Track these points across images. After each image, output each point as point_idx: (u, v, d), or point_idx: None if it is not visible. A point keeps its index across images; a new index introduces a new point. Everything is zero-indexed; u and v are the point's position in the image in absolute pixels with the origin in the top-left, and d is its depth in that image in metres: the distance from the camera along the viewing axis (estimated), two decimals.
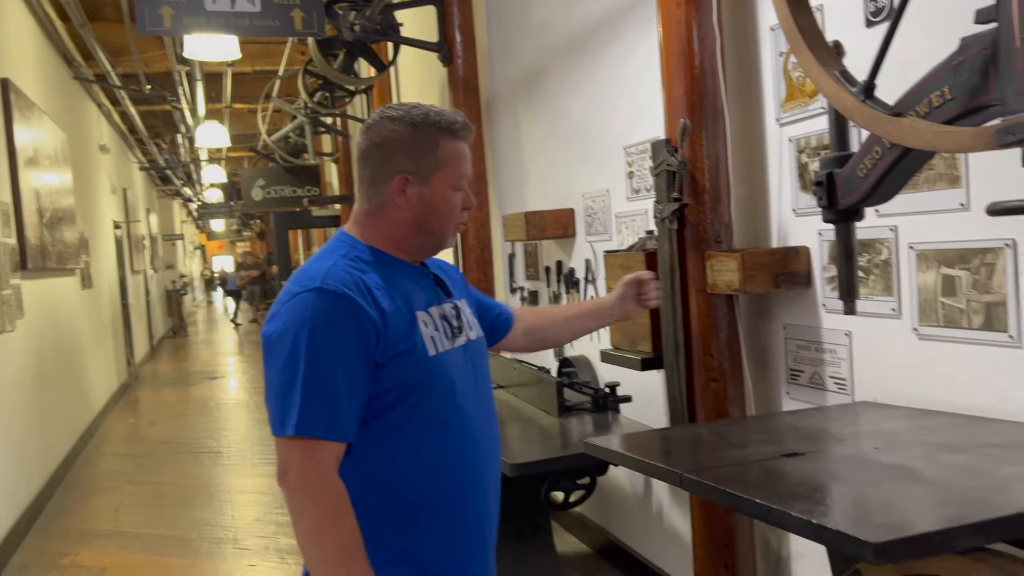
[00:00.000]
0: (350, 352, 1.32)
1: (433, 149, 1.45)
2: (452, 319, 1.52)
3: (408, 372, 1.38)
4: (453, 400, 1.44)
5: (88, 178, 9.06)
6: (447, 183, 1.47)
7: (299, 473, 1.30)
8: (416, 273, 1.52)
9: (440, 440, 1.42)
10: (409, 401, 1.39)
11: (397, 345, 1.37)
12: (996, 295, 1.84)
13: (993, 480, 1.36)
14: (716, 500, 1.46)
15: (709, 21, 2.49)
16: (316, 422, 1.29)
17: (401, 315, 1.40)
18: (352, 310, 1.33)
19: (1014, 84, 1.21)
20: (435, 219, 1.47)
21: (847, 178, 1.62)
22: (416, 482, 1.40)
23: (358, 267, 1.41)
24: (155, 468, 6.45)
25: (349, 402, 1.33)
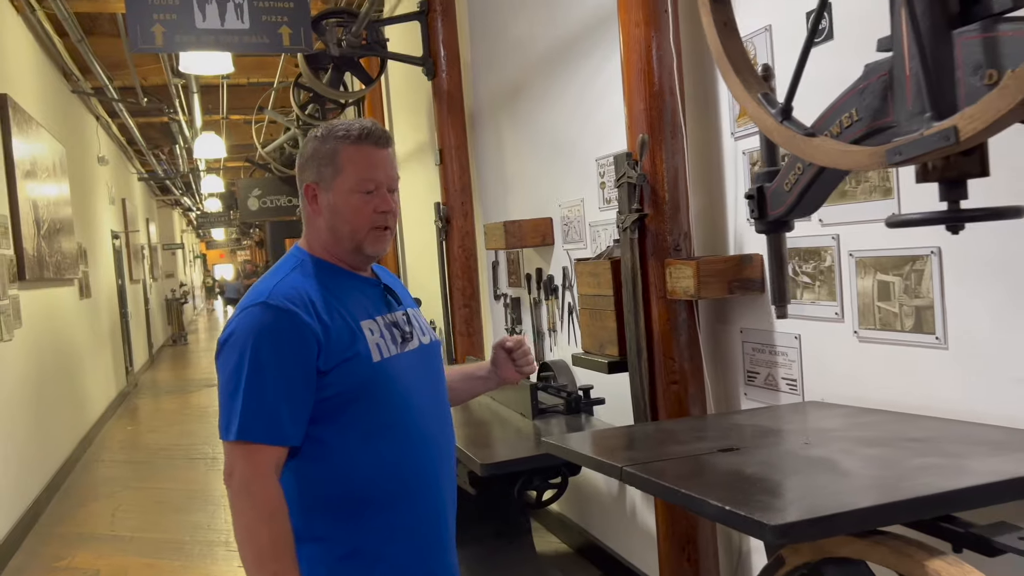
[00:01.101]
0: (290, 362, 1.42)
1: (333, 156, 1.53)
2: (403, 325, 1.60)
3: (352, 378, 1.46)
4: (404, 402, 1.53)
5: (86, 189, 9.21)
6: (347, 186, 1.52)
7: (240, 475, 1.40)
8: (364, 283, 1.61)
9: (392, 441, 1.50)
10: (358, 404, 1.48)
11: (340, 353, 1.46)
12: (925, 299, 1.96)
13: (899, 470, 1.48)
14: (650, 491, 1.57)
15: (667, 42, 2.61)
16: (255, 428, 1.40)
17: (344, 325, 1.48)
18: (294, 323, 1.43)
19: (905, 108, 1.33)
20: (342, 223, 1.54)
21: (775, 192, 1.75)
22: (369, 482, 1.49)
23: (304, 281, 1.52)
24: (152, 474, 6.57)
25: (289, 409, 1.42)
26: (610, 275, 2.89)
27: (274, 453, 1.42)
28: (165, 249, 20.56)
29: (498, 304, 4.86)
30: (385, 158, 1.57)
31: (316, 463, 1.48)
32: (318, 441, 1.47)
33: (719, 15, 1.68)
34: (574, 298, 3.81)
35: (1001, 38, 1.19)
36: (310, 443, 1.47)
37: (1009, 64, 1.16)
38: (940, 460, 1.51)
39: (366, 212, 1.53)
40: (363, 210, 1.53)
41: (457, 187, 4.91)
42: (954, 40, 1.25)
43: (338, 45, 4.84)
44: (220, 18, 4.38)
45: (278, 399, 1.41)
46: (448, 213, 4.93)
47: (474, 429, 3.29)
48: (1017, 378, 1.75)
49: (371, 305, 1.58)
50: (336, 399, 1.46)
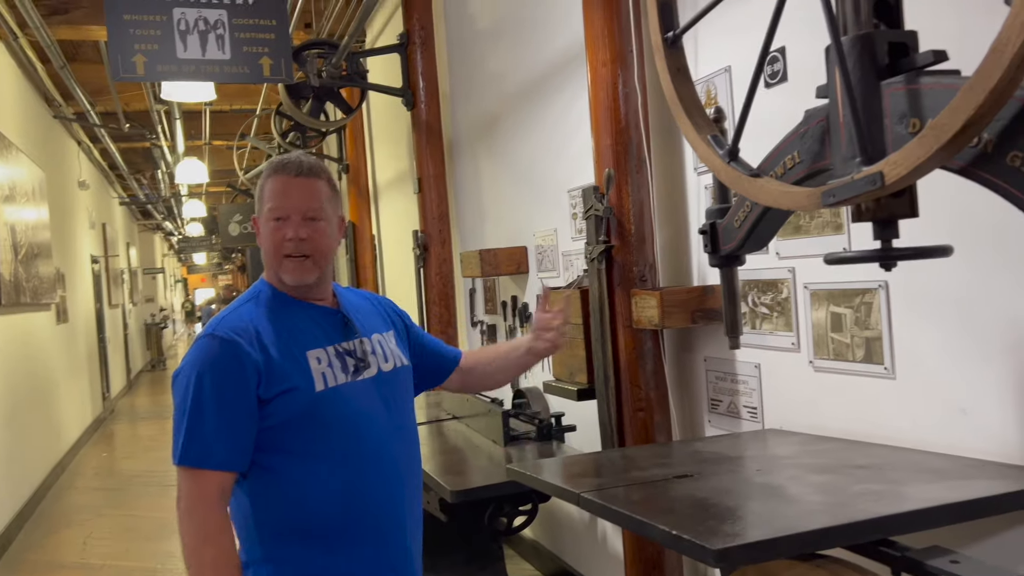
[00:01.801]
0: (230, 391, 1.49)
1: (260, 190, 1.62)
2: (357, 354, 1.63)
3: (294, 406, 1.52)
4: (353, 430, 1.57)
5: (66, 214, 9.20)
6: (263, 215, 1.60)
7: (185, 499, 1.48)
8: (319, 312, 1.65)
9: (341, 468, 1.54)
10: (302, 433, 1.53)
11: (280, 383, 1.51)
12: (874, 331, 2.04)
13: (843, 496, 1.55)
14: (605, 517, 1.63)
15: (632, 80, 2.71)
16: (196, 453, 1.48)
17: (288, 355, 1.54)
18: (235, 353, 1.50)
19: (840, 152, 1.41)
20: (264, 252, 1.62)
21: (726, 227, 1.82)
22: (319, 507, 1.53)
23: (255, 311, 1.59)
24: (126, 501, 6.52)
25: (228, 436, 1.49)
26: (579, 304, 2.96)
27: (216, 478, 1.48)
28: (145, 273, 20.46)
29: (475, 331, 4.91)
30: (299, 186, 1.59)
31: (267, 488, 1.54)
32: (266, 468, 1.53)
33: (672, 61, 1.76)
34: None
35: (923, 90, 1.28)
36: (260, 469, 1.53)
37: (930, 114, 1.25)
38: (881, 486, 1.58)
39: (276, 240, 1.57)
40: (272, 238, 1.58)
41: (435, 215, 4.98)
42: (882, 90, 1.33)
43: (318, 76, 4.93)
44: (201, 48, 4.45)
45: (217, 427, 1.48)
46: (426, 241, 4.99)
47: (445, 456, 3.32)
48: (960, 407, 1.83)
49: (322, 334, 1.61)
50: (279, 428, 1.52)
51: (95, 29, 6.27)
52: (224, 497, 1.50)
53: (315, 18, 6.83)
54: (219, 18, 4.49)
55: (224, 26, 4.49)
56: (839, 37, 1.34)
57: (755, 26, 2.37)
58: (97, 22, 6.17)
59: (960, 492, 1.50)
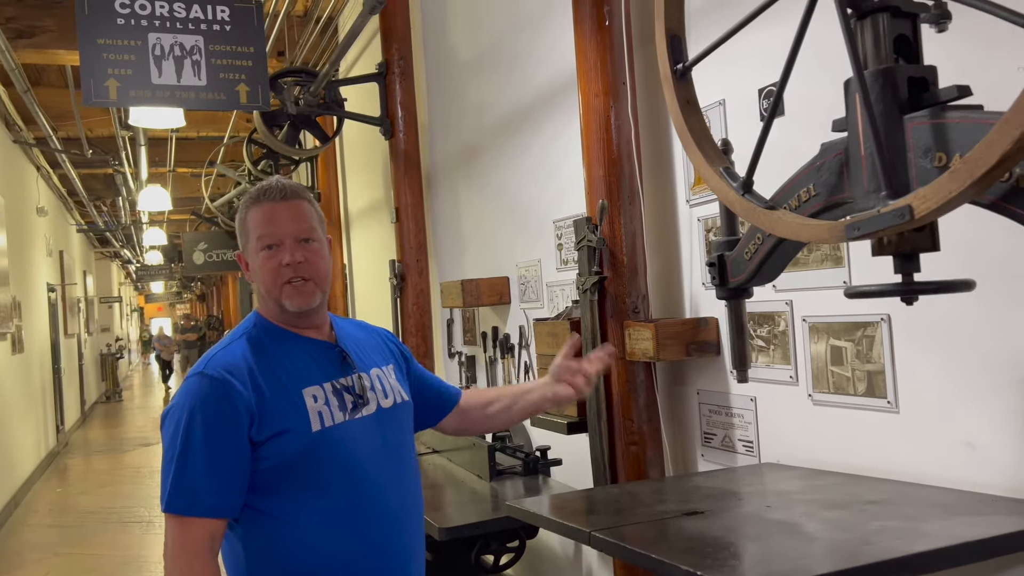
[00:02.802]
0: (222, 433, 1.42)
1: (243, 222, 1.57)
2: (355, 390, 1.55)
3: (290, 448, 1.45)
4: (351, 470, 1.49)
5: (23, 241, 8.94)
6: (254, 247, 1.55)
7: (171, 548, 1.41)
8: (315, 347, 1.57)
9: (339, 511, 1.47)
10: (298, 475, 1.46)
11: (275, 424, 1.44)
12: (876, 364, 2.04)
13: (862, 533, 1.52)
14: (619, 556, 1.58)
15: (625, 112, 2.71)
16: (184, 500, 1.40)
17: (282, 394, 1.47)
18: (228, 393, 1.43)
19: (861, 185, 1.41)
20: (260, 283, 1.56)
21: (735, 260, 1.81)
22: (317, 553, 1.46)
23: (248, 348, 1.52)
24: (83, 539, 6.26)
25: (218, 481, 1.41)
26: (568, 335, 2.92)
27: (206, 525, 1.41)
28: (102, 302, 19.97)
29: (452, 362, 4.85)
30: (287, 209, 1.54)
31: (261, 534, 1.47)
32: (261, 512, 1.46)
33: (682, 93, 1.76)
34: (531, 357, 3.83)
35: (948, 124, 1.28)
36: (254, 513, 1.46)
37: (956, 148, 1.25)
38: (898, 523, 1.56)
39: (272, 268, 1.52)
40: (268, 267, 1.52)
41: (413, 245, 4.93)
42: (905, 125, 1.33)
43: (295, 103, 4.88)
44: (177, 74, 4.38)
45: (206, 471, 1.40)
46: (403, 271, 4.93)
47: (430, 492, 3.24)
48: (965, 441, 1.82)
49: (319, 370, 1.54)
50: (274, 470, 1.45)
51: (62, 53, 6.15)
52: (214, 545, 1.42)
53: (288, 47, 6.80)
54: (195, 44, 4.43)
55: (200, 52, 4.43)
56: (862, 71, 1.34)
57: (748, 59, 2.39)
58: (64, 46, 6.05)
59: (979, 529, 1.48)
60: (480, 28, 4.28)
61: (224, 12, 4.44)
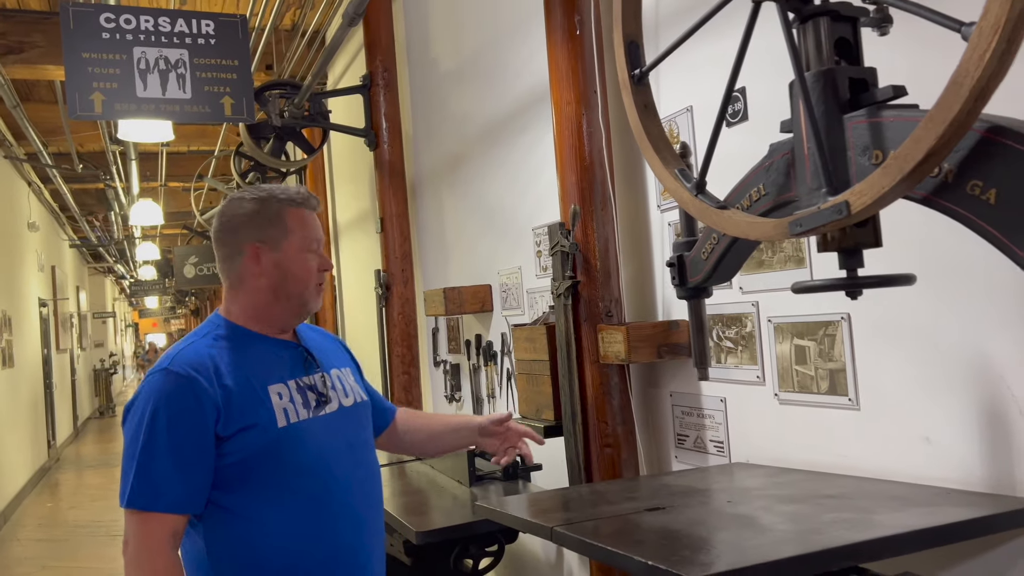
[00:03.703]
0: (185, 430, 1.43)
1: (278, 218, 1.57)
2: (319, 388, 1.60)
3: (255, 444, 1.47)
4: (315, 466, 1.53)
5: (14, 256, 8.97)
6: (297, 246, 1.58)
7: (133, 545, 1.41)
8: (279, 346, 1.62)
9: (303, 508, 1.50)
10: (263, 471, 1.48)
11: (241, 419, 1.47)
12: (837, 363, 2.07)
13: (813, 524, 1.55)
14: (578, 551, 1.61)
15: (596, 119, 2.76)
16: (145, 495, 1.41)
17: (248, 390, 1.50)
18: (192, 389, 1.45)
19: (805, 184, 1.45)
20: (292, 282, 1.58)
21: (693, 260, 1.85)
22: (279, 548, 1.48)
23: (215, 346, 1.54)
24: (71, 552, 6.25)
25: (182, 477, 1.42)
26: (546, 340, 2.96)
27: (167, 521, 1.41)
28: (95, 318, 19.95)
29: (438, 371, 4.88)
30: (318, 220, 1.64)
31: (224, 530, 1.48)
32: (224, 508, 1.48)
33: (639, 97, 1.80)
34: (512, 364, 3.86)
35: (885, 123, 1.32)
36: (216, 509, 1.48)
37: (891, 146, 1.29)
38: (852, 515, 1.59)
39: (313, 270, 1.59)
40: (311, 268, 1.59)
41: (398, 255, 4.97)
42: (845, 124, 1.38)
43: (280, 116, 4.93)
44: (162, 87, 4.42)
45: (170, 466, 1.42)
46: (388, 280, 4.97)
47: (410, 497, 3.26)
48: (923, 436, 1.86)
49: (284, 369, 1.58)
50: (239, 465, 1.47)
51: (51, 69, 6.20)
52: (175, 541, 1.44)
53: (276, 60, 6.86)
54: (180, 57, 4.48)
55: (185, 65, 4.47)
56: (803, 72, 1.38)
57: (716, 65, 2.44)
58: (53, 62, 6.10)
59: (930, 519, 1.51)
60: (461, 40, 4.34)
61: (209, 26, 4.49)
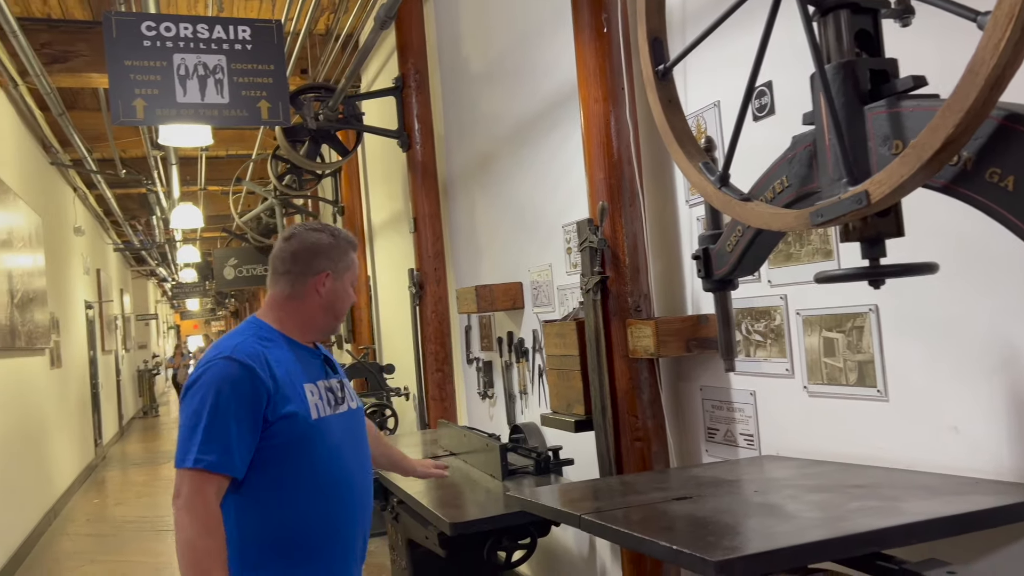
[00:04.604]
0: (244, 408, 1.69)
1: (344, 255, 1.94)
2: (337, 391, 1.91)
3: (293, 431, 1.74)
4: (333, 457, 1.80)
5: (61, 260, 9.23)
6: (349, 280, 1.95)
7: (186, 496, 1.64)
8: (308, 353, 1.92)
9: (322, 489, 1.77)
10: (296, 455, 1.74)
11: (284, 407, 1.73)
12: (866, 354, 2.08)
13: (840, 512, 1.57)
14: (606, 537, 1.64)
15: (624, 116, 2.79)
16: (209, 458, 1.65)
17: (291, 385, 1.77)
18: (251, 376, 1.71)
19: (827, 174, 1.47)
20: (339, 307, 1.94)
21: (719, 252, 1.87)
22: (300, 523, 1.74)
23: (262, 345, 1.81)
24: (118, 547, 6.43)
25: (239, 446, 1.68)
26: (576, 336, 2.99)
27: (217, 480, 1.67)
28: (139, 320, 20.41)
29: (471, 368, 4.93)
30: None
31: (253, 507, 1.72)
32: (255, 488, 1.72)
33: (663, 92, 1.83)
34: (543, 360, 3.90)
35: (904, 113, 1.34)
36: (249, 489, 1.72)
37: (911, 135, 1.30)
38: (877, 503, 1.60)
39: (351, 302, 1.98)
40: (350, 299, 1.97)
41: (431, 254, 5.04)
42: (866, 115, 1.40)
43: (315, 119, 5.02)
44: (200, 93, 4.54)
45: (229, 437, 1.67)
46: (422, 279, 5.04)
47: (443, 491, 3.32)
48: (951, 426, 1.86)
49: (313, 371, 1.88)
50: (276, 448, 1.72)
51: (95, 77, 6.39)
52: (220, 499, 1.68)
53: (311, 64, 6.98)
54: (218, 63, 4.59)
55: (223, 71, 4.58)
56: (823, 65, 1.40)
57: (743, 61, 2.46)
58: (97, 70, 6.28)
59: (956, 506, 1.52)
60: (491, 40, 4.39)
61: (245, 32, 4.60)
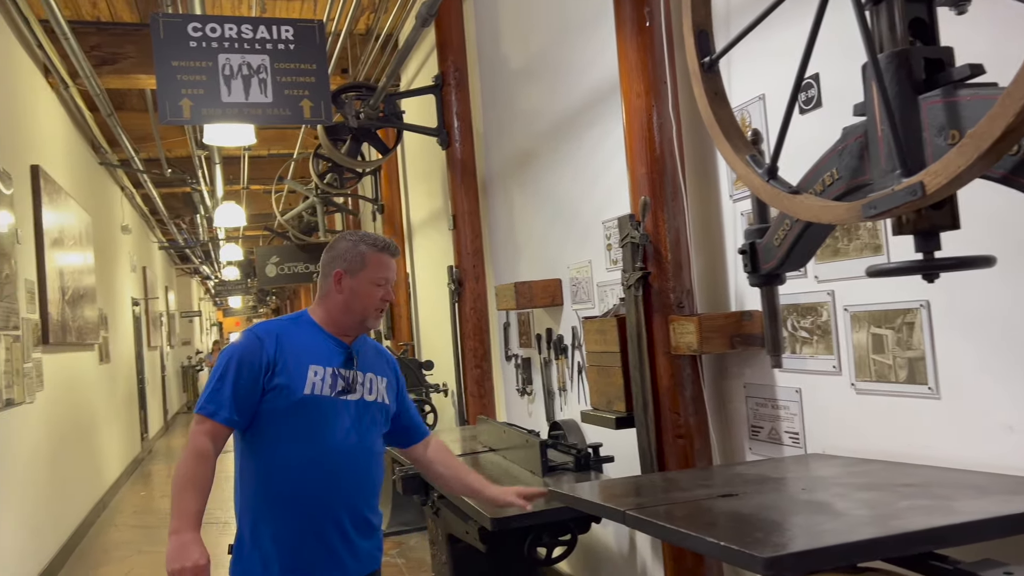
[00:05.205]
0: (245, 371, 2.03)
1: (360, 256, 2.14)
2: (350, 380, 2.12)
3: (283, 399, 2.03)
4: (320, 430, 2.06)
5: (109, 257, 9.45)
6: (368, 279, 2.13)
7: (191, 432, 2.02)
8: (335, 343, 2.16)
9: (305, 453, 2.04)
10: (286, 421, 2.04)
11: (280, 378, 2.04)
12: (916, 351, 2.04)
13: (889, 510, 1.54)
14: (651, 533, 1.63)
15: (667, 110, 2.77)
16: (209, 408, 2.01)
17: (295, 360, 2.06)
18: (259, 344, 2.07)
19: (880, 166, 1.44)
20: (358, 303, 2.13)
21: (766, 246, 1.85)
22: (280, 478, 2.04)
23: (286, 325, 2.15)
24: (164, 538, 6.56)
25: (234, 399, 2.01)
26: (616, 332, 2.98)
27: (212, 424, 2.00)
28: (183, 317, 20.81)
29: (509, 364, 4.94)
30: (394, 265, 2.19)
31: (250, 455, 2.08)
32: (253, 440, 2.07)
33: (710, 85, 1.81)
34: (583, 357, 3.89)
35: (961, 102, 1.31)
36: (251, 440, 2.07)
37: (968, 125, 1.27)
38: (929, 502, 1.57)
39: (376, 298, 2.15)
40: (375, 297, 2.14)
41: (469, 251, 5.05)
42: (920, 104, 1.36)
43: (356, 117, 5.07)
44: (245, 92, 4.61)
45: (227, 393, 2.02)
46: (461, 276, 5.06)
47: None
48: (1005, 425, 1.81)
49: (331, 357, 2.12)
50: (271, 413, 2.04)
51: (142, 78, 6.52)
52: (211, 439, 1.99)
53: (351, 63, 7.04)
54: (262, 63, 4.66)
55: (267, 70, 4.65)
56: (876, 54, 1.38)
57: (788, 54, 2.42)
58: (144, 71, 6.42)
59: (1012, 506, 1.48)
60: (530, 37, 4.39)
61: (288, 32, 4.66)
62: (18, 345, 4.98)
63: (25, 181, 5.60)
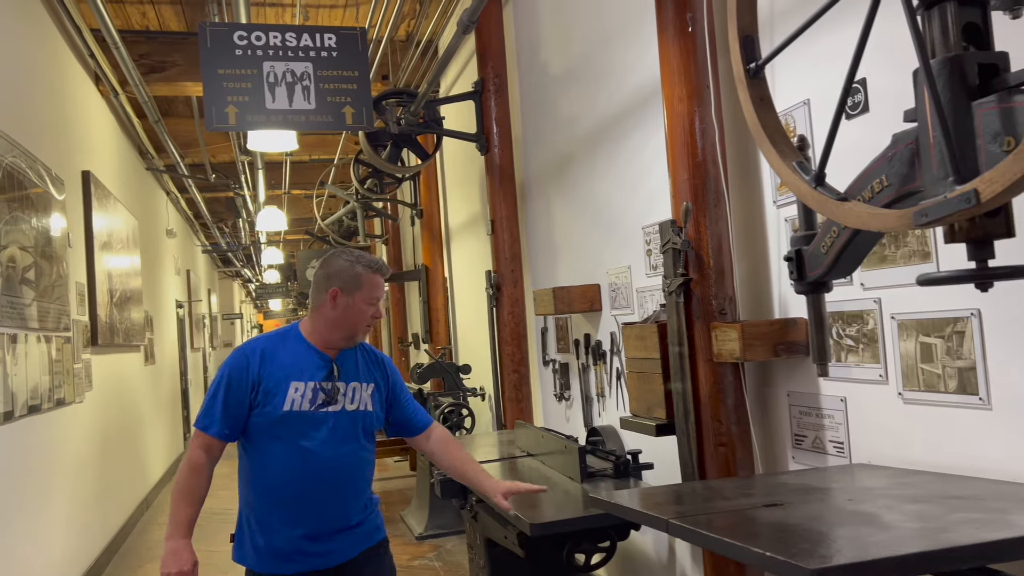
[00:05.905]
0: (234, 389, 2.25)
1: (357, 277, 2.30)
2: (330, 392, 2.29)
3: (267, 415, 2.24)
4: (299, 440, 2.24)
5: (155, 261, 9.66)
6: (361, 299, 2.31)
7: (190, 445, 2.25)
8: (318, 356, 2.32)
9: (287, 460, 2.24)
10: (268, 432, 2.25)
11: (264, 397, 2.24)
12: (967, 361, 1.99)
13: (940, 523, 1.51)
14: (694, 542, 1.62)
15: (709, 115, 2.75)
16: (203, 421, 2.26)
17: (278, 377, 2.25)
18: (246, 363, 2.26)
19: (931, 173, 1.42)
20: (347, 321, 2.31)
21: (812, 254, 1.83)
22: (270, 483, 2.26)
23: (271, 342, 2.33)
24: (207, 537, 6.66)
25: (224, 415, 2.24)
26: (657, 338, 2.96)
27: (208, 439, 2.25)
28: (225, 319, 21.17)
29: (547, 370, 4.94)
30: (384, 284, 2.38)
31: (251, 460, 2.29)
32: (247, 451, 2.30)
33: (755, 91, 1.80)
34: (622, 363, 3.87)
35: (1016, 108, 1.28)
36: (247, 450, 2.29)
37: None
38: (982, 515, 1.53)
39: (367, 316, 2.33)
40: (366, 315, 2.32)
41: (508, 256, 5.07)
42: (974, 111, 1.34)
43: (397, 123, 5.12)
44: (288, 99, 4.68)
45: (218, 408, 2.25)
46: (499, 281, 5.07)
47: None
48: None
49: (312, 371, 2.29)
50: (256, 425, 2.25)
51: (189, 85, 6.67)
52: (206, 452, 2.24)
53: (392, 70, 7.12)
54: (305, 70, 4.73)
55: (310, 78, 4.72)
56: (928, 59, 1.35)
57: (832, 58, 2.39)
58: (191, 78, 6.56)
59: None
60: (570, 42, 4.39)
61: (331, 39, 4.72)
62: (69, 346, 5.11)
63: (76, 186, 5.75)
